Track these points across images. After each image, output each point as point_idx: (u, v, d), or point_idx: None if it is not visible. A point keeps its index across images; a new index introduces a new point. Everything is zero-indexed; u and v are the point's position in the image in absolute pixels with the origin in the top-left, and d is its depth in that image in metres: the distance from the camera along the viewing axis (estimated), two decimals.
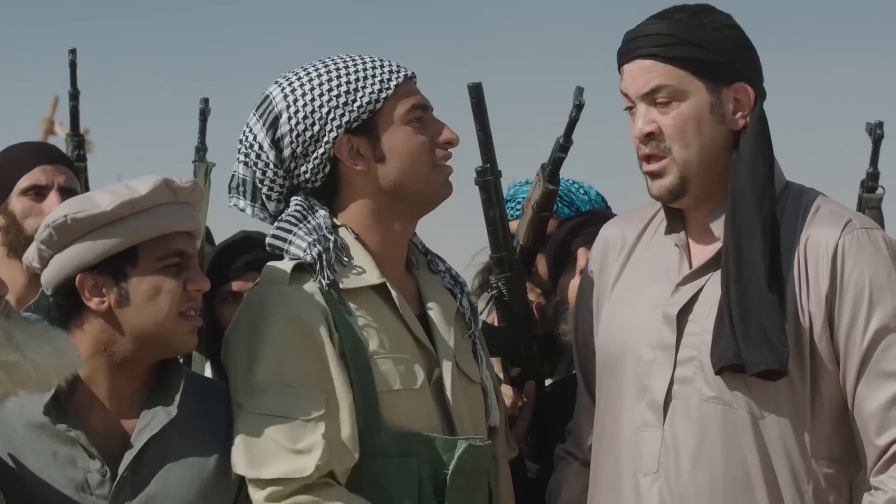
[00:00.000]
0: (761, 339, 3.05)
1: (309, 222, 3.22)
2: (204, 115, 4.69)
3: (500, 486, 3.38)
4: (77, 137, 4.71)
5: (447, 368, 3.24)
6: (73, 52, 4.70)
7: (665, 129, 3.15)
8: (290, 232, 3.23)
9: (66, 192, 4.05)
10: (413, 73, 3.29)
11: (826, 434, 3.14)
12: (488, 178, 3.54)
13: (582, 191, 4.35)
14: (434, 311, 3.29)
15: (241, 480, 3.14)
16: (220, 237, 4.41)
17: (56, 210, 3.16)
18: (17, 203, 4.05)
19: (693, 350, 3.16)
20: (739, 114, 3.18)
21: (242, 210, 3.35)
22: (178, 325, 3.11)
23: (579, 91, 3.74)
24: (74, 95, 4.74)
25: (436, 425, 3.21)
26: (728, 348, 3.08)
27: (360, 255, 3.23)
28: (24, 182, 4.05)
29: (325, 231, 3.20)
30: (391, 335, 3.20)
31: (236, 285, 4.25)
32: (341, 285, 3.19)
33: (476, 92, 3.46)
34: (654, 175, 3.18)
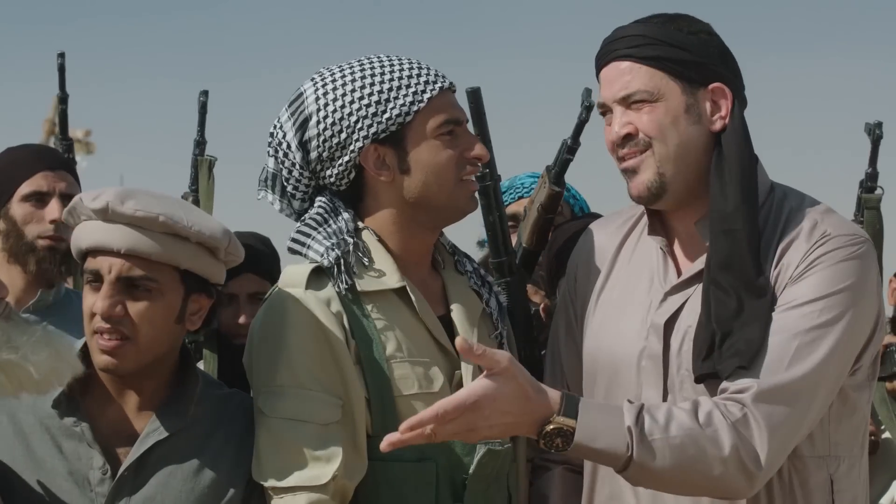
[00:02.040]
0: (744, 348, 3.02)
1: (329, 225, 3.22)
2: (204, 108, 4.66)
3: (520, 486, 3.37)
4: (66, 141, 4.70)
5: (468, 370, 3.23)
6: (61, 55, 4.67)
7: (642, 127, 3.14)
8: (308, 236, 3.22)
9: (67, 199, 4.04)
10: (451, 83, 3.26)
11: (812, 435, 3.11)
12: (488, 184, 3.52)
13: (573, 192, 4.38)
14: (457, 313, 3.28)
15: (247, 494, 3.15)
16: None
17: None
18: (17, 209, 4.05)
19: (680, 359, 3.14)
20: (717, 115, 3.17)
21: (271, 203, 3.34)
22: (92, 342, 3.14)
23: (587, 93, 3.71)
24: (63, 99, 4.72)
25: None
26: (709, 362, 3.05)
27: (381, 258, 3.22)
28: (26, 188, 4.05)
29: (345, 235, 3.20)
30: (410, 338, 3.19)
31: (230, 287, 4.26)
32: (360, 288, 3.19)
33: (475, 97, 3.45)
34: (631, 172, 3.17)
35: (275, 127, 3.28)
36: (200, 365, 4.29)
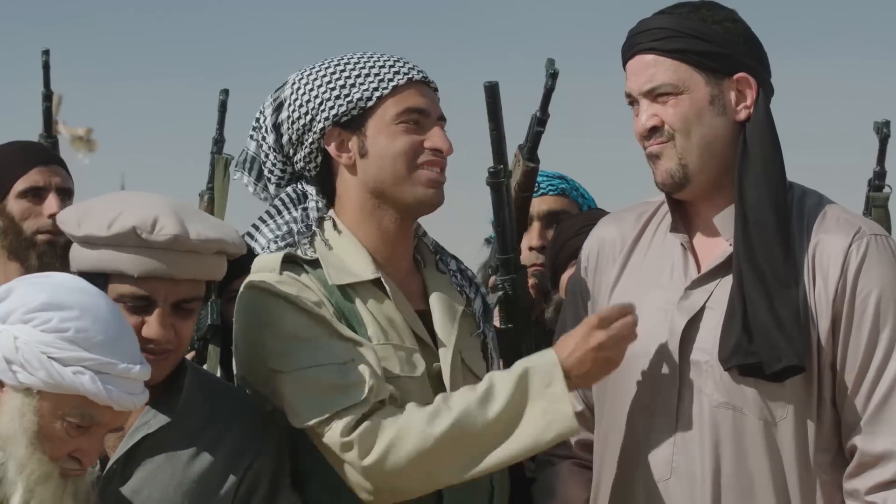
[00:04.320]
0: (779, 335, 3.05)
1: (282, 216, 3.28)
2: (223, 106, 4.65)
3: (503, 480, 3.34)
4: (51, 139, 4.68)
5: (446, 361, 3.23)
6: (46, 52, 4.65)
7: (667, 119, 3.16)
8: (258, 228, 3.29)
9: (63, 193, 4.06)
10: (425, 77, 3.27)
11: (829, 441, 3.14)
12: (500, 180, 3.51)
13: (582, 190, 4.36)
14: (436, 308, 3.28)
15: (237, 490, 3.13)
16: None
17: (67, 210, 3.20)
18: (15, 205, 4.06)
19: (703, 355, 3.15)
20: (742, 105, 3.19)
21: (245, 185, 3.39)
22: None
23: (551, 62, 3.71)
24: (48, 97, 4.70)
25: None
26: (740, 346, 3.08)
27: (354, 250, 3.23)
28: (22, 184, 4.06)
29: (298, 224, 3.24)
30: (391, 325, 3.20)
31: (239, 284, 4.24)
32: (331, 282, 3.20)
33: (492, 92, 3.45)
34: (654, 158, 3.19)
35: (259, 111, 3.34)
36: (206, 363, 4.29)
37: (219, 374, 4.27)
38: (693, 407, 3.14)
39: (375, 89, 3.22)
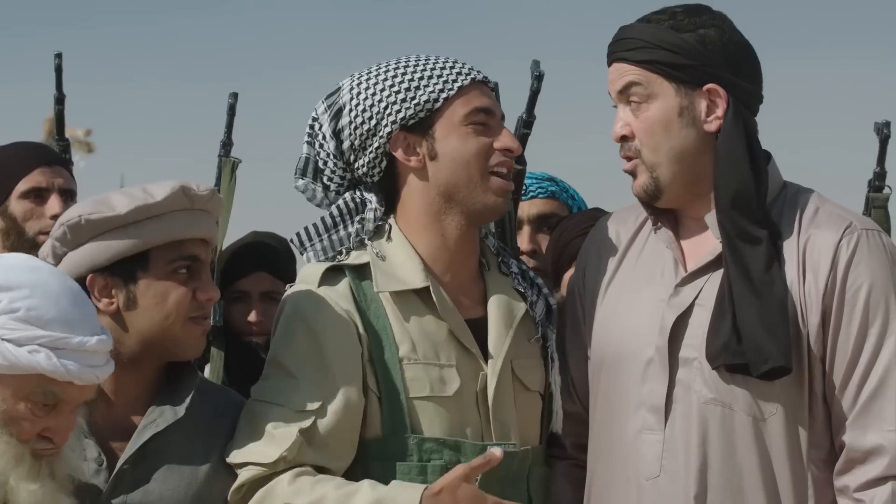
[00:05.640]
0: (766, 337, 3.05)
1: (338, 231, 3.27)
2: (232, 109, 4.68)
3: (541, 489, 3.35)
4: (63, 142, 4.70)
5: (493, 375, 3.22)
6: (58, 56, 4.65)
7: (636, 132, 3.19)
8: (311, 240, 3.28)
9: (65, 194, 4.06)
10: (486, 77, 3.29)
11: (822, 437, 3.14)
12: None
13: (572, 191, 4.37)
14: (493, 315, 3.27)
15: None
16: (241, 233, 4.44)
17: (72, 209, 3.18)
18: (17, 206, 4.06)
19: (692, 352, 3.15)
20: (713, 116, 3.18)
21: (303, 192, 3.37)
22: (184, 330, 3.11)
23: (536, 64, 3.73)
24: (60, 100, 4.70)
25: (470, 431, 3.20)
26: (728, 346, 3.08)
27: (407, 257, 3.23)
28: (24, 185, 4.06)
29: (350, 242, 3.25)
30: (429, 340, 3.20)
31: (243, 284, 4.26)
32: (377, 288, 3.21)
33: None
34: (630, 173, 3.22)
35: (313, 119, 3.33)
36: (207, 367, 4.30)
37: (221, 378, 4.27)
38: (682, 404, 3.15)
39: (441, 90, 3.22)
